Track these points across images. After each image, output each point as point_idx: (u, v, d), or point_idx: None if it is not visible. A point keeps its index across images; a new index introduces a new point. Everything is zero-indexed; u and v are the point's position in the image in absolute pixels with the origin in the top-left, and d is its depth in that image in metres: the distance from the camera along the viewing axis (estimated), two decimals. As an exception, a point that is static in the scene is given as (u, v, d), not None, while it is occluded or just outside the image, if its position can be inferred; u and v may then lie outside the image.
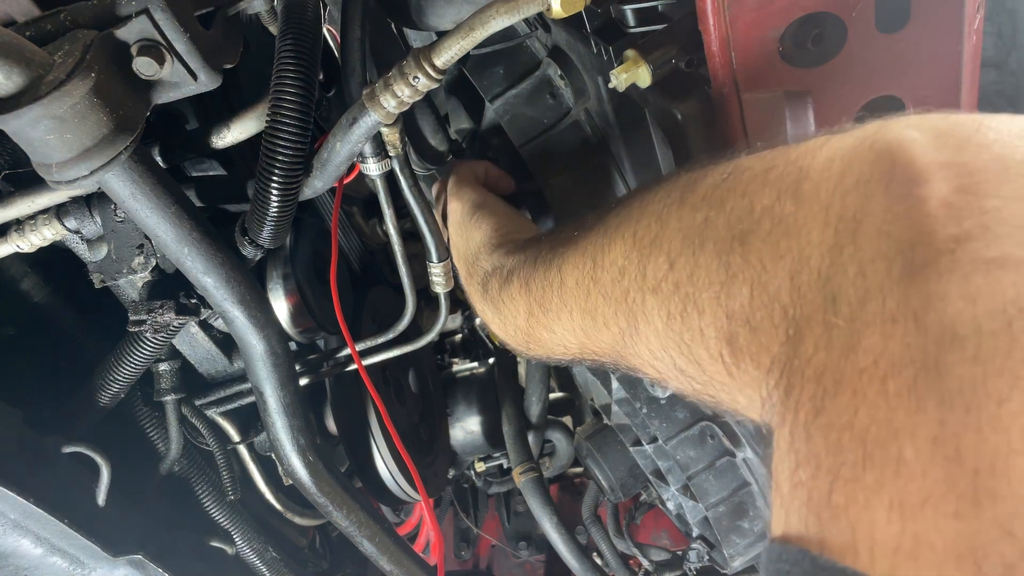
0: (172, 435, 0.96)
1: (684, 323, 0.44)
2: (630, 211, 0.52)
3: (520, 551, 2.06)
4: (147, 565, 0.85)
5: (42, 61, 0.58)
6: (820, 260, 0.36)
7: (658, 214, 0.48)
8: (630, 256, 0.50)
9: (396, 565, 1.05)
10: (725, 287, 0.41)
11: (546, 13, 0.60)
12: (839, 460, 0.31)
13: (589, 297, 0.55)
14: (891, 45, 0.62)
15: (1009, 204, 0.32)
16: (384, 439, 1.05)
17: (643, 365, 0.52)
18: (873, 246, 0.34)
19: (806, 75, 0.63)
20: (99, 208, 0.82)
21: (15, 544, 0.79)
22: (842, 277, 0.34)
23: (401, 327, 0.96)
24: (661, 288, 0.46)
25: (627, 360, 0.54)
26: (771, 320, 0.38)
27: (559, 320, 0.61)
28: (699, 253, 0.43)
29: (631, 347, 0.52)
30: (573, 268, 0.58)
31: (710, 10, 0.58)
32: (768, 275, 0.38)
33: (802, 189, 0.38)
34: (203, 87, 0.67)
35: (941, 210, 0.32)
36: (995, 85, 1.22)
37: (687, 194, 0.46)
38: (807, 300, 0.36)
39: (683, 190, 0.47)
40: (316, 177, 0.77)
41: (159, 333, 0.85)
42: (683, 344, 0.45)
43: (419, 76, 0.66)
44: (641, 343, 0.50)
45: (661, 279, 0.46)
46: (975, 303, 0.29)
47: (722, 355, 0.42)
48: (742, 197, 0.41)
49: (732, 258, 0.41)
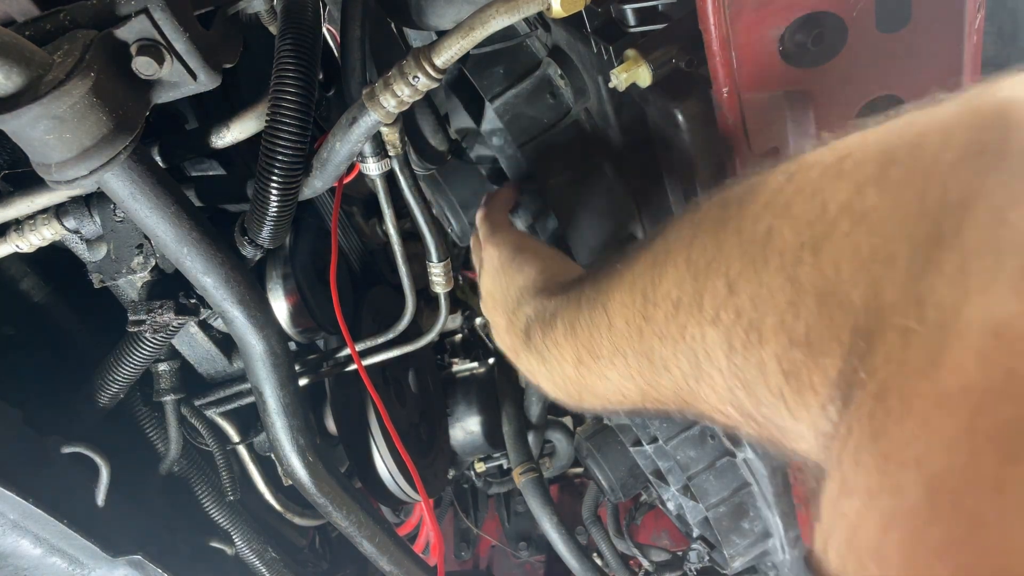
0: (171, 435, 0.96)
1: (746, 357, 0.38)
2: (680, 234, 0.46)
3: (520, 551, 2.06)
4: (146, 565, 0.85)
5: (42, 61, 0.58)
6: (911, 257, 0.29)
7: (713, 232, 0.42)
8: (683, 285, 0.44)
9: (396, 565, 1.05)
10: (792, 308, 0.35)
11: (546, 13, 0.60)
12: (896, 503, 0.25)
13: (643, 338, 0.49)
14: (891, 45, 0.62)
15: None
16: (384, 439, 1.05)
17: (711, 411, 0.46)
18: (984, 237, 0.26)
19: (806, 75, 0.63)
20: (98, 208, 0.82)
21: (14, 544, 0.79)
22: (936, 275, 0.27)
23: (401, 327, 0.96)
24: (720, 318, 0.40)
25: (694, 406, 0.48)
26: (837, 337, 0.32)
27: (613, 366, 0.55)
28: (762, 271, 0.37)
29: (696, 391, 0.45)
30: (621, 307, 0.52)
31: (710, 10, 0.58)
32: (843, 283, 0.32)
33: (888, 176, 0.31)
34: (203, 87, 0.67)
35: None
36: (995, 85, 1.22)
37: (746, 204, 0.40)
38: (885, 303, 0.29)
39: (740, 201, 0.40)
40: (316, 177, 0.77)
41: (158, 333, 0.84)
42: (745, 382, 0.39)
43: (419, 76, 0.66)
44: (705, 385, 0.44)
45: (720, 307, 0.40)
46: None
47: (783, 393, 0.36)
48: (812, 197, 0.35)
49: (800, 270, 0.34)
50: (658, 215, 0.93)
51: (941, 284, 0.27)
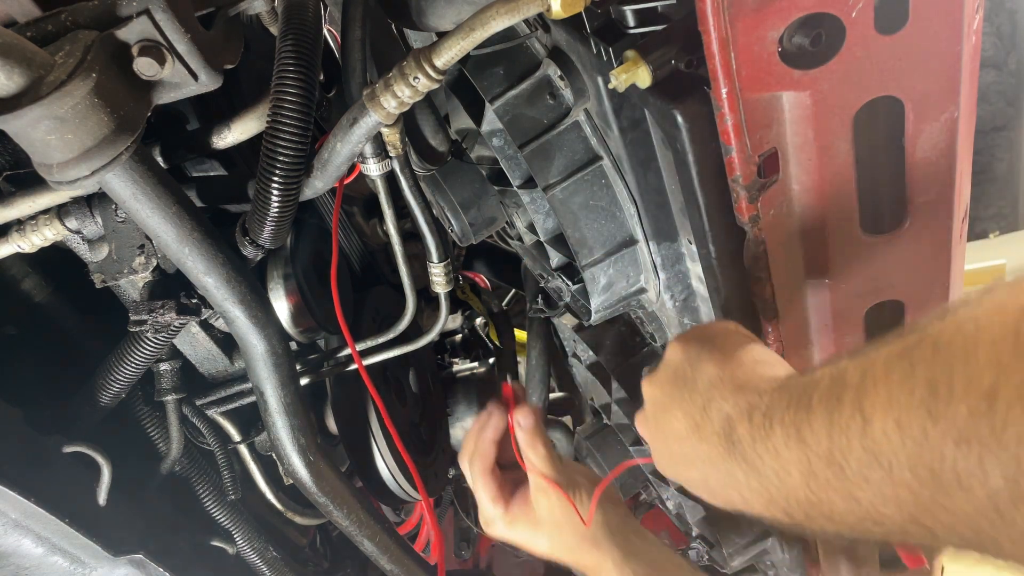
0: (173, 435, 0.96)
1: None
2: (1008, 300, 0.35)
3: (520, 551, 2.06)
4: (148, 564, 0.86)
5: (43, 61, 0.59)
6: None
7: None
8: (1008, 364, 0.33)
9: (396, 564, 1.05)
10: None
11: (546, 13, 0.60)
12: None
13: (926, 444, 0.38)
14: (890, 46, 0.62)
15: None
16: (385, 438, 1.05)
17: (1013, 553, 0.36)
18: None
19: (806, 75, 0.63)
20: (100, 208, 0.82)
21: (16, 544, 0.79)
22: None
23: (401, 327, 0.96)
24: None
25: (996, 540, 0.37)
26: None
27: (866, 483, 0.43)
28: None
29: (1008, 519, 0.35)
30: (888, 400, 0.40)
31: (710, 10, 0.58)
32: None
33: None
34: (204, 87, 0.67)
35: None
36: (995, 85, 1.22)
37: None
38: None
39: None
40: (317, 177, 0.77)
41: (160, 333, 0.85)
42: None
43: (419, 76, 0.66)
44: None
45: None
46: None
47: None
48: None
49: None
50: (658, 216, 0.93)
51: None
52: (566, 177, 0.92)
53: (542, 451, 0.85)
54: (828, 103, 0.65)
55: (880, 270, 0.79)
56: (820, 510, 0.48)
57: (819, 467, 0.46)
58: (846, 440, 0.43)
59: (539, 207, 1.00)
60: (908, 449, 0.39)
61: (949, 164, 0.72)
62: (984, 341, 0.35)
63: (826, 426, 0.45)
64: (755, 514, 0.56)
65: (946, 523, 0.39)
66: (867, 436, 0.41)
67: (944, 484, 0.37)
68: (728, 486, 0.56)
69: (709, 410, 0.59)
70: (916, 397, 0.38)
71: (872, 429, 0.41)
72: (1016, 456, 0.33)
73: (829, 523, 0.48)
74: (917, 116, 0.68)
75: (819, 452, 0.45)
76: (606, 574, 0.83)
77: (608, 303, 1.03)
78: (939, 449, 0.37)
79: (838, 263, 0.79)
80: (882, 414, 0.40)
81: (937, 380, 0.37)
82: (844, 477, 0.44)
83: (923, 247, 0.77)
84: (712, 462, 0.58)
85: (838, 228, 0.76)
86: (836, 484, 0.45)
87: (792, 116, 0.67)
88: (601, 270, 0.98)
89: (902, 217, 0.76)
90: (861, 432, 0.42)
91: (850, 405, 0.43)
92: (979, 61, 0.70)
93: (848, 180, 0.73)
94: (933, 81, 0.66)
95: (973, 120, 0.74)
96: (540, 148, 0.92)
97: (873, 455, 0.41)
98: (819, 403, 0.46)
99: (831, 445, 0.44)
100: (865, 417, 0.41)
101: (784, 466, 0.49)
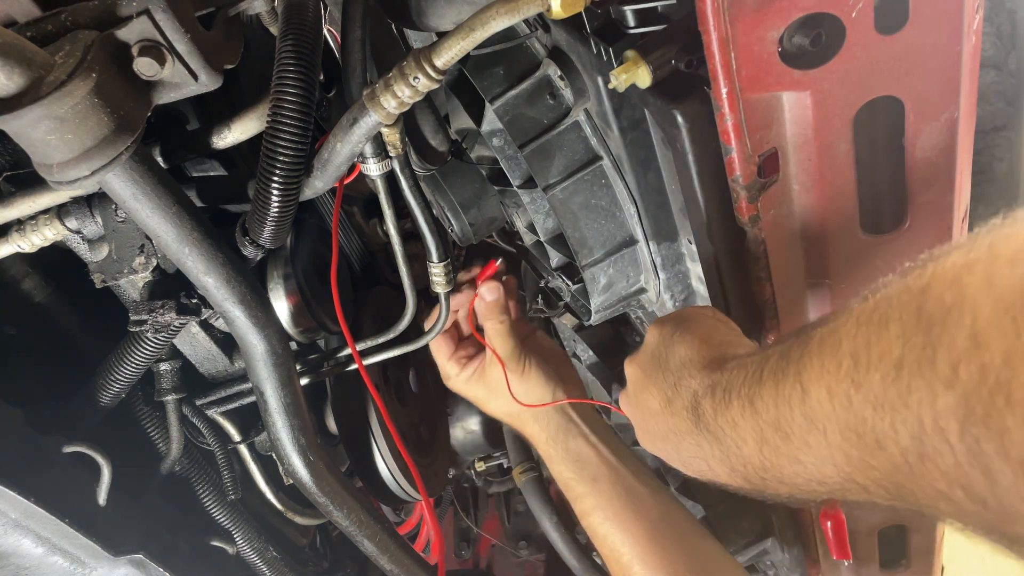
0: (173, 435, 0.96)
1: (987, 425, 0.33)
2: (908, 284, 0.39)
3: (520, 551, 2.06)
4: (148, 564, 0.86)
5: (43, 62, 0.59)
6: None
7: (956, 279, 0.36)
8: (911, 340, 0.37)
9: (396, 564, 1.05)
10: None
11: (546, 13, 0.60)
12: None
13: (851, 408, 0.42)
14: (890, 46, 0.62)
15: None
16: (385, 438, 1.05)
17: (933, 498, 0.39)
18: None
19: (806, 75, 0.63)
20: (100, 208, 0.82)
21: (16, 544, 0.79)
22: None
23: (401, 327, 0.96)
24: (959, 377, 0.34)
25: (911, 493, 0.41)
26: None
27: (807, 447, 0.48)
28: (1021, 320, 0.31)
29: (918, 472, 0.39)
30: (821, 373, 0.45)
31: (710, 10, 0.58)
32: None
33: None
34: (204, 87, 0.67)
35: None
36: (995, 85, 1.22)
37: (998, 248, 0.35)
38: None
39: (991, 247, 0.35)
40: (317, 177, 0.77)
41: (160, 333, 0.85)
42: (982, 458, 0.34)
43: (419, 77, 0.66)
44: (931, 464, 0.37)
45: (958, 363, 0.34)
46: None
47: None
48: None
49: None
50: (658, 215, 0.93)
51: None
52: (566, 177, 0.93)
53: (498, 325, 0.97)
54: (828, 103, 0.65)
55: (880, 270, 0.78)
56: (773, 474, 0.53)
57: (769, 434, 0.51)
58: (789, 409, 0.48)
59: (539, 207, 1.00)
60: (838, 414, 0.43)
61: (949, 164, 0.72)
62: (894, 317, 0.39)
63: (773, 397, 0.50)
64: (722, 482, 0.61)
65: (875, 479, 0.43)
66: (806, 404, 0.46)
67: (867, 445, 0.42)
68: (697, 456, 0.62)
69: (679, 387, 0.65)
70: (843, 368, 0.42)
71: (809, 398, 0.46)
72: (919, 417, 0.37)
73: (782, 485, 0.53)
74: (917, 116, 0.68)
75: (769, 421, 0.50)
76: (540, 445, 0.99)
77: (608, 303, 1.03)
78: (861, 413, 0.41)
79: (838, 263, 0.79)
80: (816, 384, 0.45)
81: (858, 352, 0.41)
82: (790, 442, 0.49)
83: (923, 247, 0.76)
84: (682, 435, 0.63)
85: (838, 228, 0.76)
86: (784, 449, 0.50)
87: (792, 116, 0.67)
88: (601, 270, 0.98)
89: (902, 217, 0.76)
90: (801, 401, 0.47)
91: (792, 377, 0.48)
92: (979, 61, 0.70)
93: (848, 180, 0.73)
94: (933, 81, 0.66)
95: (973, 120, 0.74)
96: (540, 148, 0.92)
97: (811, 421, 0.46)
98: (768, 376, 0.51)
99: (778, 414, 0.49)
100: (804, 388, 0.46)
101: (741, 435, 0.54)
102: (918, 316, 0.37)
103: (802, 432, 0.47)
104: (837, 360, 0.43)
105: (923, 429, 0.37)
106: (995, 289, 0.33)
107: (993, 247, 0.35)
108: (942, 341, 0.35)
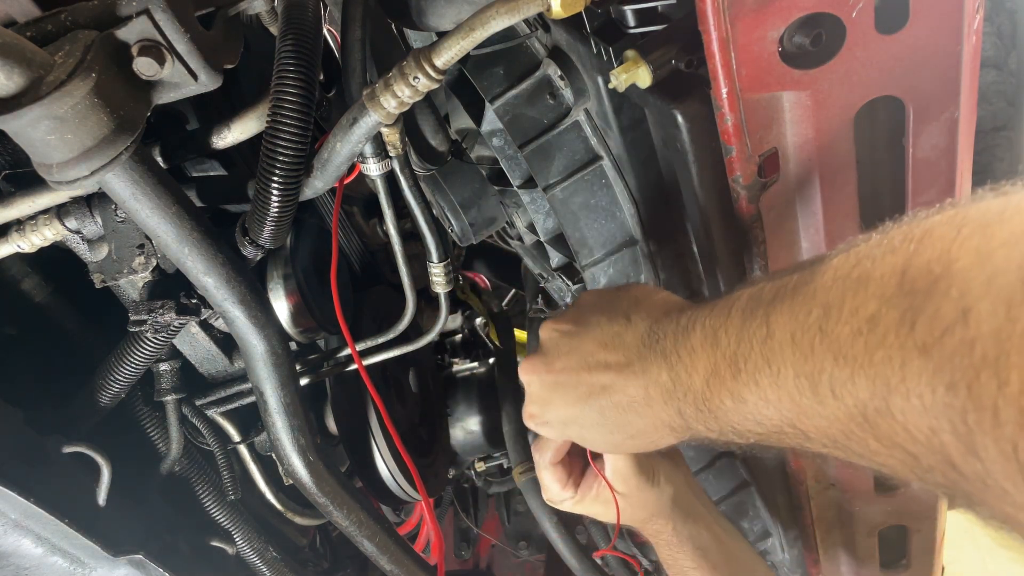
0: (172, 435, 0.96)
1: (972, 399, 0.32)
2: (898, 245, 0.39)
3: (520, 551, 2.06)
4: (148, 565, 0.86)
5: (43, 61, 0.59)
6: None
7: (945, 251, 0.35)
8: (892, 301, 0.37)
9: (396, 565, 1.05)
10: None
11: (546, 13, 0.60)
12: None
13: (811, 357, 0.43)
14: (890, 46, 0.62)
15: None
16: (384, 439, 1.05)
17: (877, 455, 0.40)
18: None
19: (806, 75, 0.63)
20: (100, 208, 0.82)
21: (16, 544, 0.79)
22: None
23: (401, 327, 0.96)
24: (943, 346, 0.33)
25: (855, 445, 0.42)
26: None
27: (755, 386, 0.48)
28: (1020, 291, 0.31)
29: (870, 428, 0.40)
30: (790, 317, 0.45)
31: (710, 10, 0.58)
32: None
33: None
34: (204, 87, 0.67)
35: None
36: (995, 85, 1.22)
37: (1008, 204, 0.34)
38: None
39: (1002, 212, 0.34)
40: (316, 177, 0.77)
41: (160, 333, 0.85)
42: (961, 428, 0.33)
43: (419, 76, 0.66)
44: (887, 423, 0.38)
45: (943, 333, 0.33)
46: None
47: (1018, 451, 0.30)
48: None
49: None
50: (658, 215, 0.93)
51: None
52: (566, 177, 0.93)
53: None
54: (828, 103, 0.65)
55: (880, 270, 0.78)
56: (710, 405, 0.54)
57: (723, 367, 0.52)
58: (749, 346, 0.49)
59: (539, 207, 1.00)
60: (796, 360, 0.44)
61: (949, 164, 0.72)
62: (875, 276, 0.39)
63: (738, 331, 0.51)
64: (652, 410, 0.61)
65: (819, 427, 0.44)
66: (767, 345, 0.47)
67: (820, 393, 0.43)
68: (637, 377, 0.62)
69: (632, 319, 0.66)
70: (812, 316, 0.43)
71: (772, 340, 0.47)
72: (882, 373, 0.37)
73: (714, 420, 0.55)
74: (917, 116, 0.68)
75: (726, 353, 0.52)
76: (667, 537, 0.92)
77: (608, 303, 1.03)
78: (821, 362, 0.42)
79: (838, 263, 0.79)
80: (782, 327, 0.46)
81: (831, 304, 0.42)
82: (739, 378, 0.50)
83: (923, 247, 0.77)
84: (629, 360, 0.64)
85: (838, 228, 0.76)
86: (730, 383, 0.51)
87: (792, 116, 0.67)
88: (601, 270, 0.98)
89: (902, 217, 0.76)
90: (763, 341, 0.48)
91: (760, 317, 0.49)
92: (979, 61, 0.70)
93: (848, 180, 0.73)
94: (933, 81, 0.66)
95: (973, 120, 0.74)
96: (540, 148, 0.92)
97: (767, 360, 0.47)
98: (736, 312, 0.52)
99: (737, 348, 0.50)
100: (769, 328, 0.47)
101: (695, 363, 0.55)
102: (900, 280, 0.37)
103: (754, 370, 0.48)
104: (808, 308, 0.44)
105: (888, 387, 0.37)
106: (988, 269, 0.33)
107: (987, 227, 0.34)
108: (924, 309, 0.35)
